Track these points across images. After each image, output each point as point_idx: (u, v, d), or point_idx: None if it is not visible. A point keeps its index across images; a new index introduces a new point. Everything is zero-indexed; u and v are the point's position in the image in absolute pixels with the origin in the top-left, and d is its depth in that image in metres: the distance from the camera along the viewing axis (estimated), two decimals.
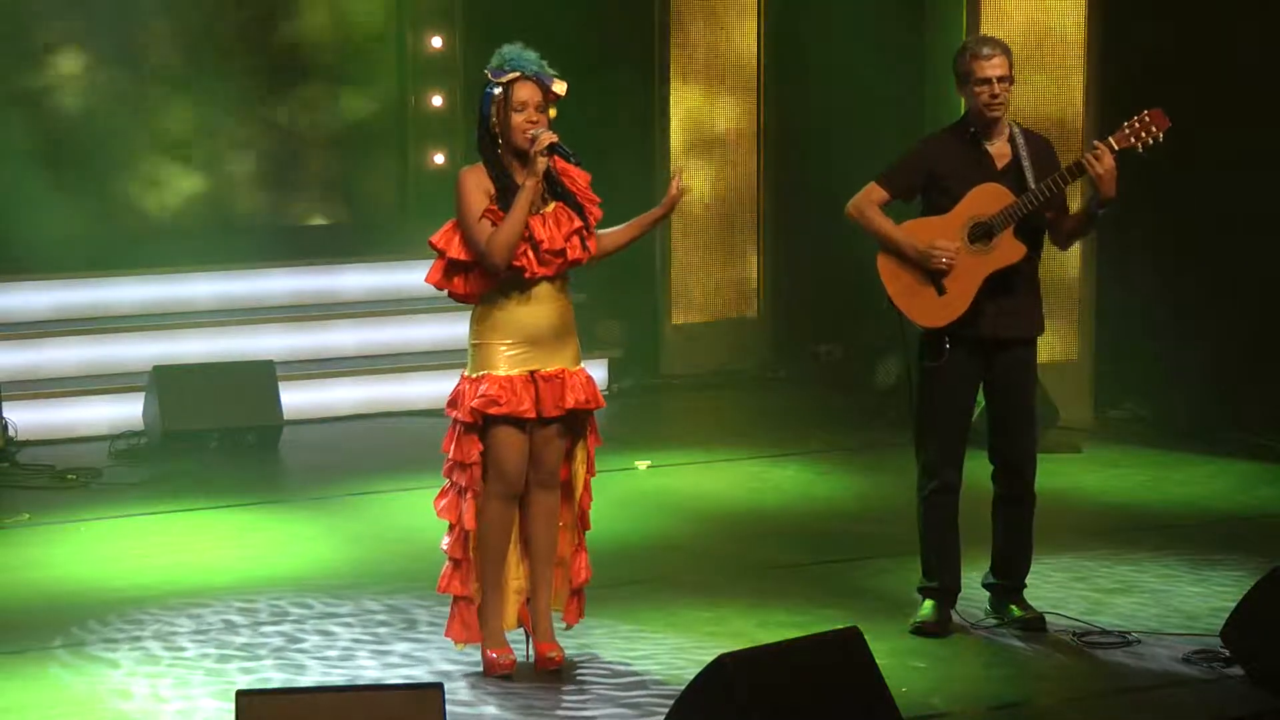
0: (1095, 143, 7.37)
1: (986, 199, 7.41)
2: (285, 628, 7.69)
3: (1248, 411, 10.16)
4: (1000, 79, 7.40)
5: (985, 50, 7.43)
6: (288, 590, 8.17)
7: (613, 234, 7.19)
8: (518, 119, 6.92)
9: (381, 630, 7.66)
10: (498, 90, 6.93)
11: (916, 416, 7.62)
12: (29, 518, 9.43)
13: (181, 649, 7.44)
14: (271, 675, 7.16)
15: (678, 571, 8.54)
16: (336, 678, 7.13)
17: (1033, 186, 7.38)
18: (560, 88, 6.97)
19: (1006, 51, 7.46)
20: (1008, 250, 7.41)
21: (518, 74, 6.95)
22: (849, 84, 12.13)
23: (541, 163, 6.89)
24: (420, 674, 7.14)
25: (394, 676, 7.12)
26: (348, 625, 7.72)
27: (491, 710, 6.79)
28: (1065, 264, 11.07)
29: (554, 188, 7.03)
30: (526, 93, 6.93)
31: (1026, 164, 7.44)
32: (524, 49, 6.98)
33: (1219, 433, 10.70)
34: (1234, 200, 10.80)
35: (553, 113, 6.98)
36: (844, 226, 7.72)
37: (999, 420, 7.60)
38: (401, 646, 7.46)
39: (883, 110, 11.78)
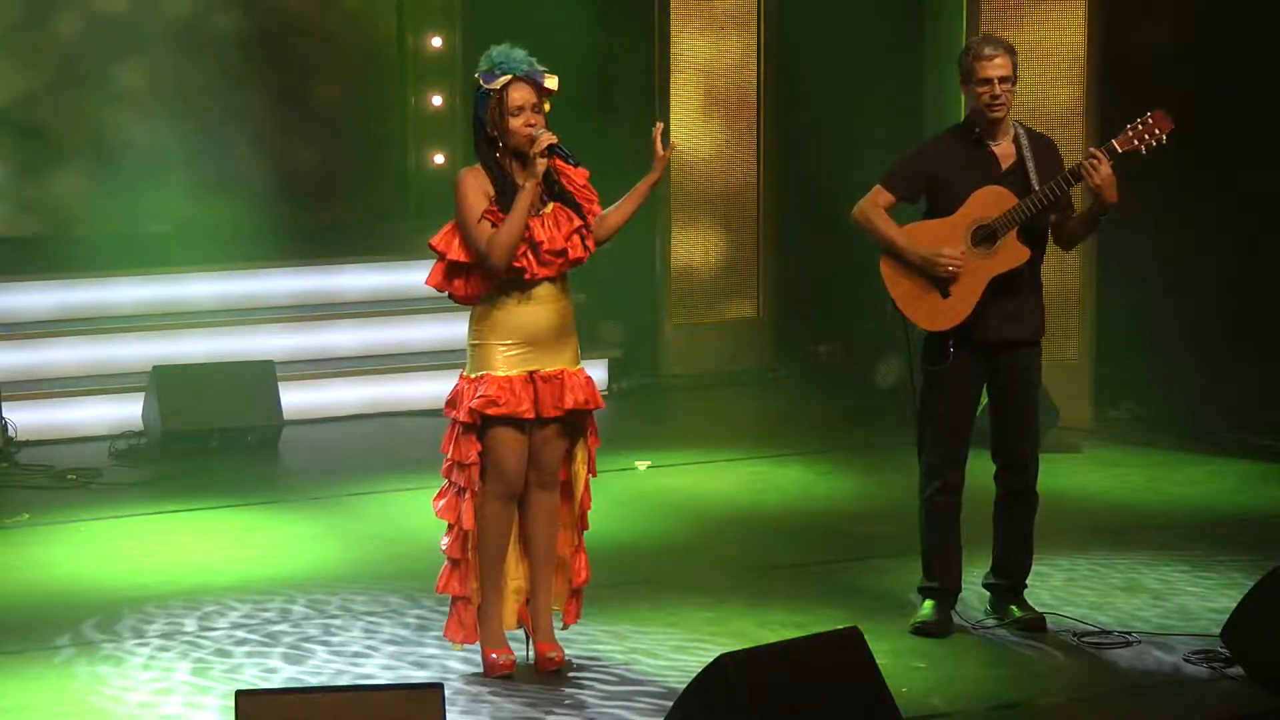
0: (1092, 150, 7.35)
1: (989, 201, 7.39)
2: (285, 628, 7.69)
3: (1247, 411, 10.17)
4: (1002, 79, 7.37)
5: (987, 50, 7.40)
6: (288, 590, 8.17)
7: (614, 211, 7.15)
8: (515, 122, 6.91)
9: (381, 630, 7.66)
10: (492, 95, 6.92)
11: (919, 418, 7.62)
12: (29, 518, 9.43)
13: (181, 649, 7.43)
14: (271, 675, 7.16)
15: (678, 571, 8.53)
16: (336, 678, 7.13)
17: (1036, 188, 7.36)
18: (552, 82, 6.95)
19: (1010, 51, 7.42)
20: (1011, 254, 7.40)
21: (509, 76, 6.93)
22: (849, 84, 12.13)
23: (541, 164, 6.88)
24: (420, 674, 7.14)
25: (394, 676, 7.12)
26: (348, 625, 7.72)
27: (491, 710, 6.79)
28: (1065, 265, 11.06)
29: (552, 188, 7.02)
30: (521, 94, 6.91)
31: (1030, 165, 7.42)
32: (511, 48, 6.95)
33: (1219, 433, 10.71)
34: (1234, 200, 10.81)
35: (547, 107, 6.96)
36: (844, 226, 7.71)
37: (1002, 420, 7.60)
38: (401, 646, 7.46)
39: (883, 110, 11.78)
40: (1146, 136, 7.31)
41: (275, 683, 7.07)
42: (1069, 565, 8.47)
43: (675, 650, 7.40)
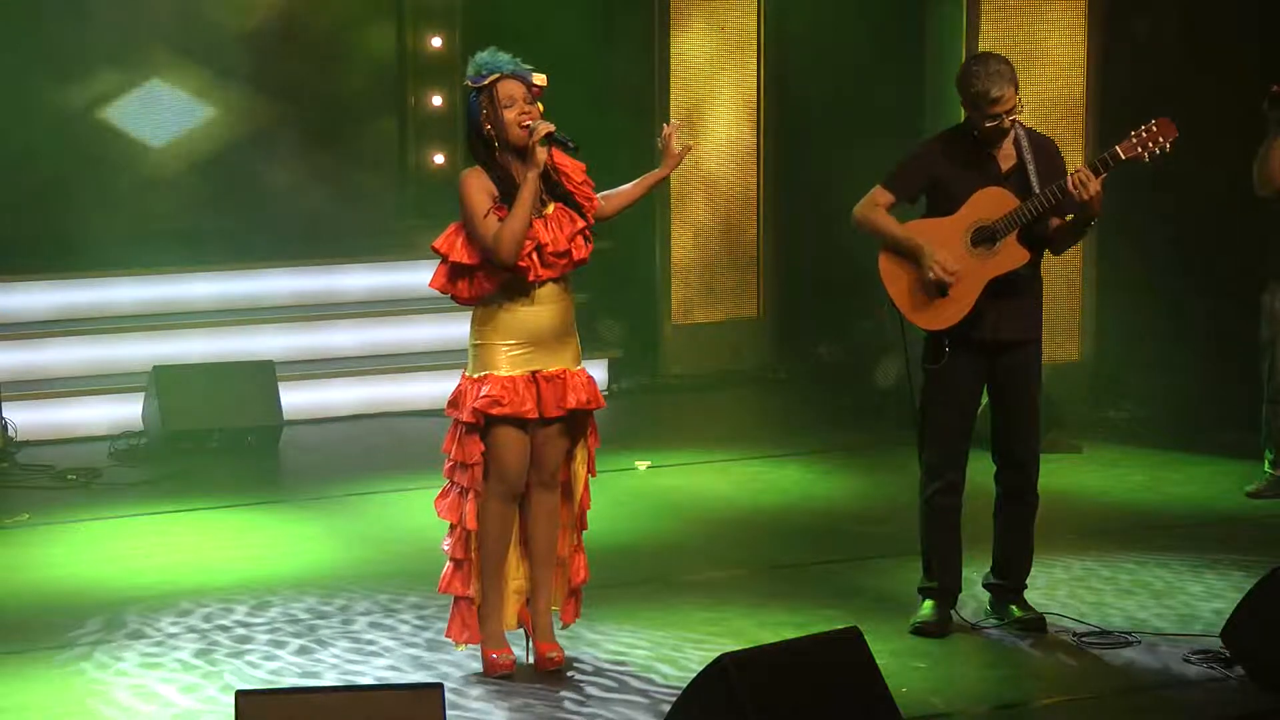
0: (1080, 168, 7.31)
1: (990, 203, 7.39)
2: (285, 628, 7.69)
3: (1247, 411, 10.16)
4: (1008, 111, 7.36)
5: (994, 93, 7.27)
6: (288, 590, 8.17)
7: (618, 194, 7.20)
8: (510, 115, 6.93)
9: (381, 630, 7.66)
10: (483, 94, 6.94)
11: (919, 418, 7.62)
12: (29, 518, 9.43)
13: (181, 649, 7.44)
14: (271, 675, 7.16)
15: (678, 571, 8.54)
16: (337, 678, 7.13)
17: (1036, 190, 7.35)
18: (540, 79, 6.99)
19: (1013, 79, 7.35)
20: (1010, 255, 7.39)
21: (497, 74, 6.95)
22: (849, 83, 12.13)
23: (541, 153, 6.89)
24: (420, 674, 7.14)
25: (394, 676, 7.12)
26: (348, 625, 7.72)
27: (491, 710, 6.80)
28: (1065, 265, 11.07)
29: (554, 189, 7.03)
30: (511, 88, 6.94)
31: (1031, 167, 7.41)
32: (496, 52, 7.00)
33: (1219, 433, 10.70)
34: (1237, 199, 10.79)
35: (540, 108, 6.99)
36: (844, 226, 7.70)
37: (1002, 420, 7.60)
38: (401, 646, 7.46)
39: (883, 110, 11.79)
40: (1151, 144, 7.26)
41: (275, 683, 7.08)
42: (1069, 565, 8.47)
43: (675, 650, 7.40)
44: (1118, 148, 7.32)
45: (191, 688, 7.04)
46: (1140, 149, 7.29)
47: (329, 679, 7.11)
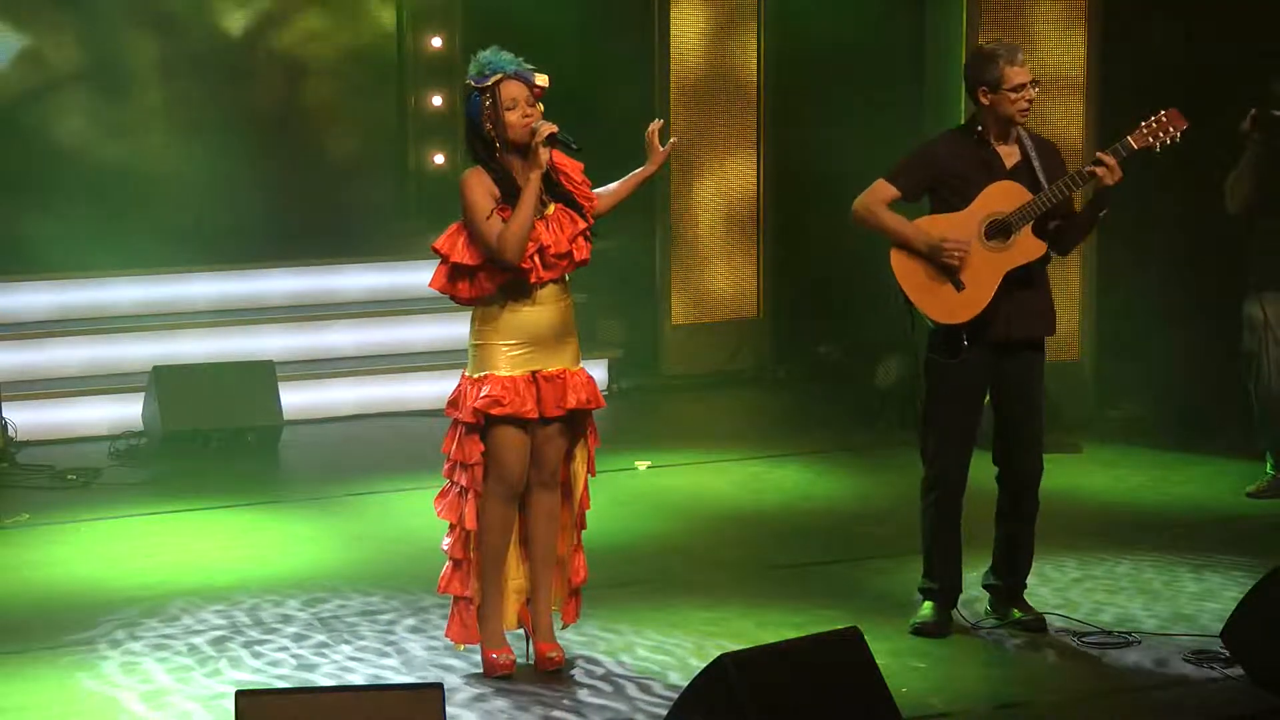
0: (1100, 155, 7.34)
1: (1002, 196, 7.38)
2: (285, 628, 7.69)
3: (1247, 412, 10.16)
4: (1031, 83, 7.40)
5: (1019, 56, 7.40)
6: (287, 590, 8.18)
7: (607, 194, 7.21)
8: (512, 116, 6.93)
9: (381, 630, 7.66)
10: (485, 94, 6.94)
11: (923, 416, 7.62)
12: (29, 518, 9.43)
13: (180, 649, 7.44)
14: (271, 675, 7.17)
15: (678, 571, 8.54)
16: (336, 678, 7.13)
17: (1045, 185, 7.37)
18: (543, 80, 6.98)
19: (1024, 60, 7.46)
20: (1027, 247, 7.40)
21: (500, 75, 6.95)
22: (849, 83, 12.13)
23: (544, 154, 6.89)
24: (420, 674, 7.14)
25: (394, 676, 7.12)
26: (348, 625, 7.72)
27: (491, 710, 6.80)
28: (1065, 264, 11.06)
29: (553, 189, 7.03)
30: (514, 89, 6.94)
31: (1037, 163, 7.43)
32: (498, 51, 7.00)
33: (1219, 433, 10.70)
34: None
35: (541, 108, 6.98)
36: (845, 226, 7.69)
37: (1005, 422, 7.59)
38: (401, 646, 7.46)
39: (883, 110, 11.78)
40: (1161, 134, 7.33)
41: (275, 682, 7.08)
42: (1069, 565, 8.47)
43: (675, 650, 7.40)
44: (1129, 138, 7.36)
45: (190, 687, 7.03)
46: (1151, 139, 7.35)
47: (328, 678, 7.11)
